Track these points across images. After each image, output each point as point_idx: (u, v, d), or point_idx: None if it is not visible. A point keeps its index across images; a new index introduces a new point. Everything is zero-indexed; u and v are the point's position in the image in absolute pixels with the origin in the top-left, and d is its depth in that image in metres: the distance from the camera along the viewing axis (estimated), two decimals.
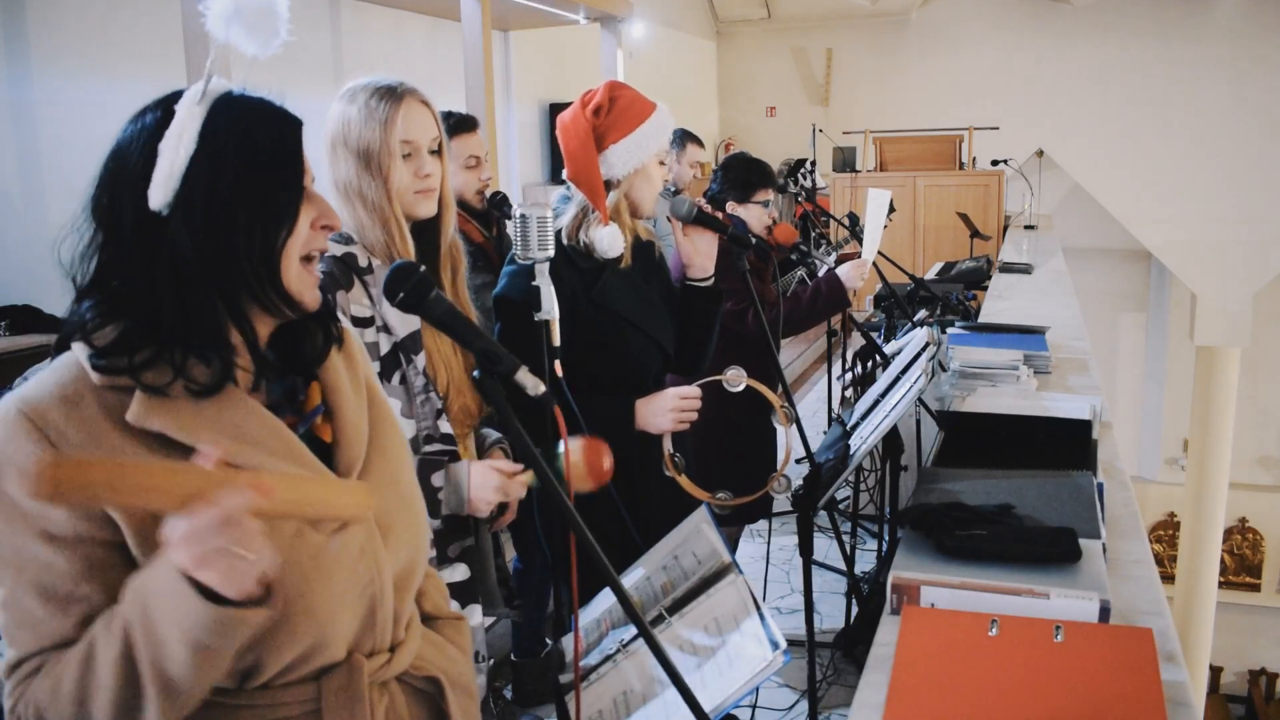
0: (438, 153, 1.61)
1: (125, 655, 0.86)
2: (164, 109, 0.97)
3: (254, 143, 0.97)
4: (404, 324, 1.54)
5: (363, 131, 1.54)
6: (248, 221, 0.96)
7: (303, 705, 1.00)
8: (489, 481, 1.55)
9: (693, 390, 1.88)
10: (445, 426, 1.57)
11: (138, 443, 0.92)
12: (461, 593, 1.60)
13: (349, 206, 1.55)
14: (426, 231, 1.63)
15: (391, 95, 1.55)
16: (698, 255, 1.96)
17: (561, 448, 1.45)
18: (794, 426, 1.87)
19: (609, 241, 1.83)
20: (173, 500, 0.78)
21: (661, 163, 1.91)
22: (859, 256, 3.07)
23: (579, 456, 1.51)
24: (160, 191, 0.93)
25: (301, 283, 1.01)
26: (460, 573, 1.60)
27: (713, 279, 1.99)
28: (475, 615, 1.62)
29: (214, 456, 0.81)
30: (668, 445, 1.87)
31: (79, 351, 0.95)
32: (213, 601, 0.82)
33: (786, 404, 1.88)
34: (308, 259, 1.02)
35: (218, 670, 0.88)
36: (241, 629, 0.85)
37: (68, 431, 0.91)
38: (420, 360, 1.55)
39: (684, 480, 1.85)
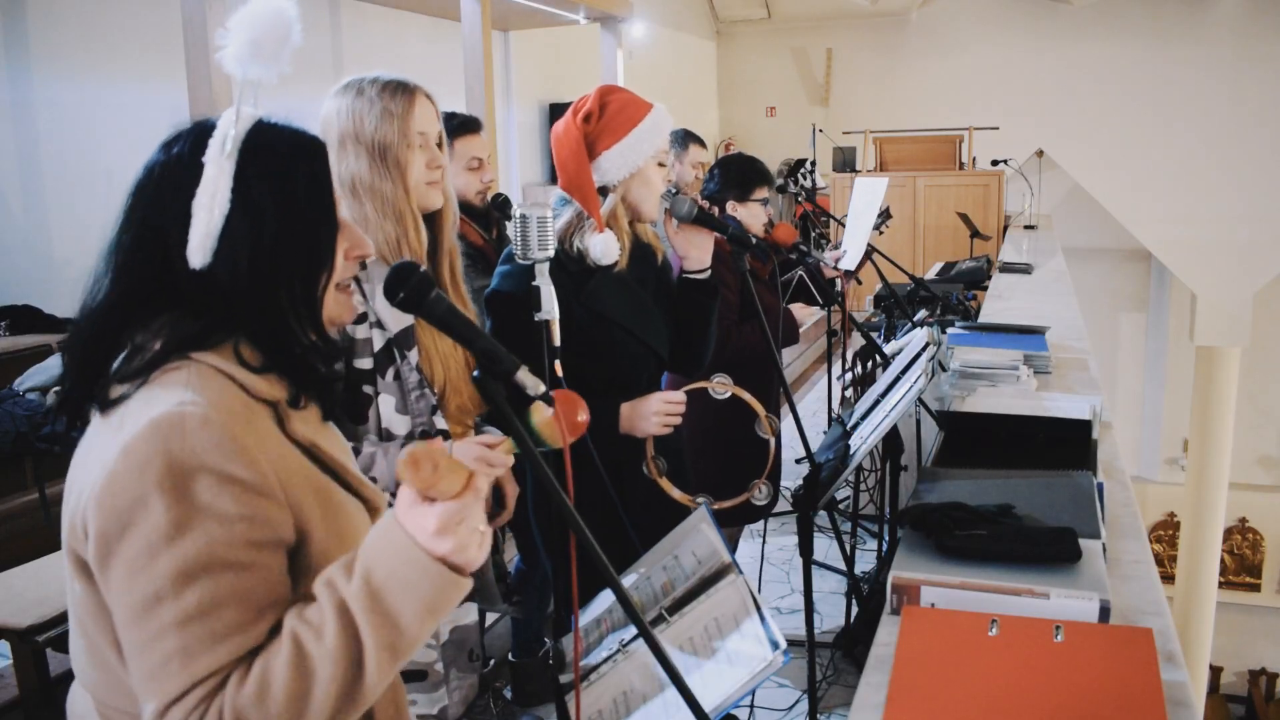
0: (439, 146, 1.64)
1: (352, 639, 0.86)
2: (192, 146, 0.95)
3: (289, 190, 0.96)
4: (397, 320, 1.54)
5: (379, 126, 1.55)
6: (289, 271, 0.97)
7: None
8: (469, 452, 1.54)
9: (678, 395, 1.88)
10: (440, 422, 1.57)
11: (299, 454, 0.98)
12: None
13: (356, 202, 1.55)
14: (428, 226, 1.64)
15: (404, 90, 1.58)
16: (693, 249, 1.96)
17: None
18: (781, 435, 1.87)
19: (602, 249, 1.81)
20: (459, 490, 0.87)
21: (661, 164, 1.89)
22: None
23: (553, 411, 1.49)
24: (200, 253, 0.92)
25: (338, 307, 1.03)
26: None
27: (709, 271, 1.99)
28: (470, 613, 1.62)
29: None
30: (650, 448, 1.87)
31: (223, 364, 0.94)
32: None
33: (772, 414, 1.88)
34: (341, 286, 1.04)
35: (426, 638, 0.92)
36: (461, 595, 0.90)
37: (250, 443, 0.91)
38: (414, 356, 1.55)
39: (665, 483, 1.86)
